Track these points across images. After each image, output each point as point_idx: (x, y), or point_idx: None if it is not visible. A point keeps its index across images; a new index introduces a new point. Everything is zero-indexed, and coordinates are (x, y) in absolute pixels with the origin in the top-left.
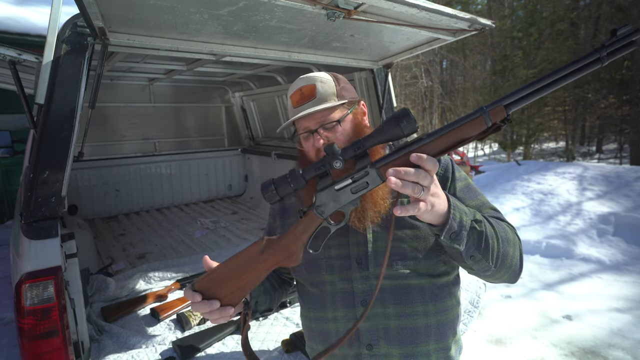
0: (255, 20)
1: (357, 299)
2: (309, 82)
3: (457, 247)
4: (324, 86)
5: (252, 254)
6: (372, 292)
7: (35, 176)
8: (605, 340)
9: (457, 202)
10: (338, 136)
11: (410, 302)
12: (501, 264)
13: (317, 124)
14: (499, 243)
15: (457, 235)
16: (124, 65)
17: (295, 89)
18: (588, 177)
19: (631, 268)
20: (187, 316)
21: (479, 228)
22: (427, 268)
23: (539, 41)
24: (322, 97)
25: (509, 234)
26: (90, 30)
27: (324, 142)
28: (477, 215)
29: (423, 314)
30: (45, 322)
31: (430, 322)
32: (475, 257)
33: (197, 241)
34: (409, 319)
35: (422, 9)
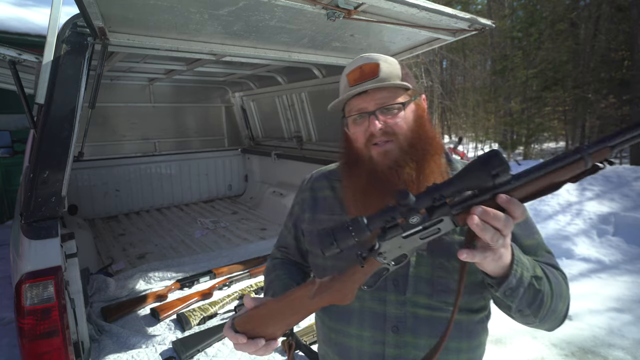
0: (255, 20)
1: (387, 324)
2: (371, 60)
3: (509, 304)
4: (389, 67)
5: (302, 298)
6: (405, 319)
7: (36, 176)
8: (605, 340)
9: (520, 254)
10: (399, 122)
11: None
12: (547, 319)
13: (376, 105)
14: (552, 300)
15: (513, 292)
16: (124, 65)
17: (354, 66)
18: (588, 177)
19: (631, 268)
20: (187, 316)
21: (537, 286)
22: (467, 303)
23: (539, 41)
24: (386, 77)
25: (563, 288)
26: (90, 30)
27: (381, 126)
28: (537, 270)
29: (455, 350)
30: (45, 322)
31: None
32: (523, 312)
33: (197, 241)
34: (441, 355)
35: (422, 9)
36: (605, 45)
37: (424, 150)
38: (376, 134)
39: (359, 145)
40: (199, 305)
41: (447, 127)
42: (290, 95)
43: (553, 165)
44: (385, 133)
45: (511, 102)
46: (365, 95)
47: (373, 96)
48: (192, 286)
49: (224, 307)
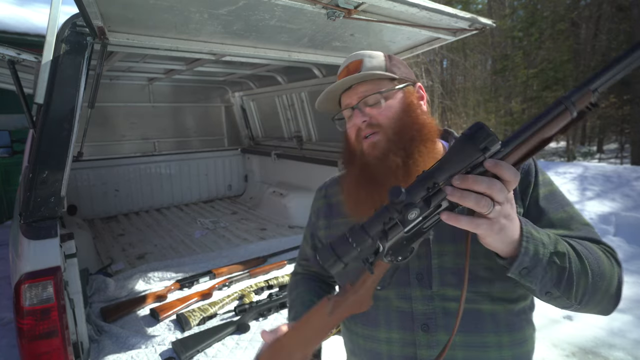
0: (255, 19)
1: (416, 322)
2: (356, 58)
3: (530, 286)
4: (372, 60)
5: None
6: (435, 315)
7: (35, 176)
8: (606, 340)
9: (532, 229)
10: (382, 112)
11: (481, 330)
12: (588, 301)
13: (358, 98)
14: (589, 278)
15: (530, 271)
16: (123, 64)
17: (343, 66)
18: (589, 177)
19: (632, 268)
20: (186, 316)
21: (561, 263)
22: (503, 291)
23: (539, 41)
24: (369, 70)
25: (603, 264)
26: (89, 30)
27: (365, 119)
28: (559, 245)
29: (496, 345)
30: (44, 323)
31: (505, 356)
32: (552, 294)
33: (197, 241)
34: (479, 351)
35: (422, 9)
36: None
37: (412, 137)
38: (362, 127)
39: (352, 140)
40: (199, 305)
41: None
42: (290, 95)
43: (539, 122)
44: (370, 125)
45: (512, 101)
46: (349, 91)
47: (356, 90)
48: (192, 286)
49: (224, 308)
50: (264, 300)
